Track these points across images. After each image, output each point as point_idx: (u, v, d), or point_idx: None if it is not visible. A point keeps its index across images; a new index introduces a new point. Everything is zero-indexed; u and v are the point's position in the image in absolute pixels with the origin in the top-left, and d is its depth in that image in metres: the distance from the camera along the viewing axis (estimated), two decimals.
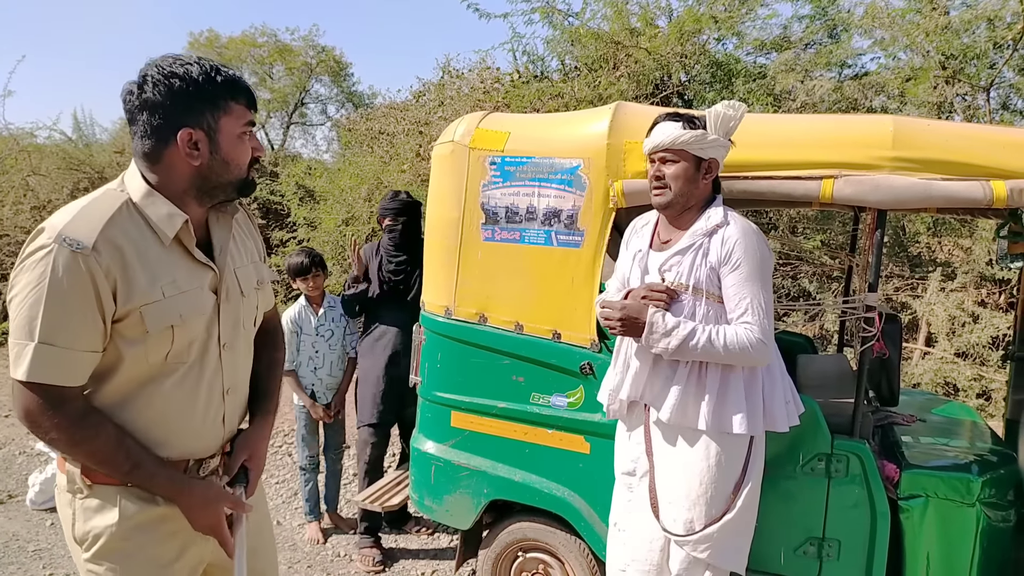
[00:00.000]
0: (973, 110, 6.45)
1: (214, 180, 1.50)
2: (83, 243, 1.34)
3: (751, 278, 2.09)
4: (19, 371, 1.34)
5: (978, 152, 2.26)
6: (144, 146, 1.45)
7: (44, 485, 4.08)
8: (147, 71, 1.42)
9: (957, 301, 5.85)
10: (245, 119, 1.51)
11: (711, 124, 2.14)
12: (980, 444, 2.69)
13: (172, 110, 1.42)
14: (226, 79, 1.46)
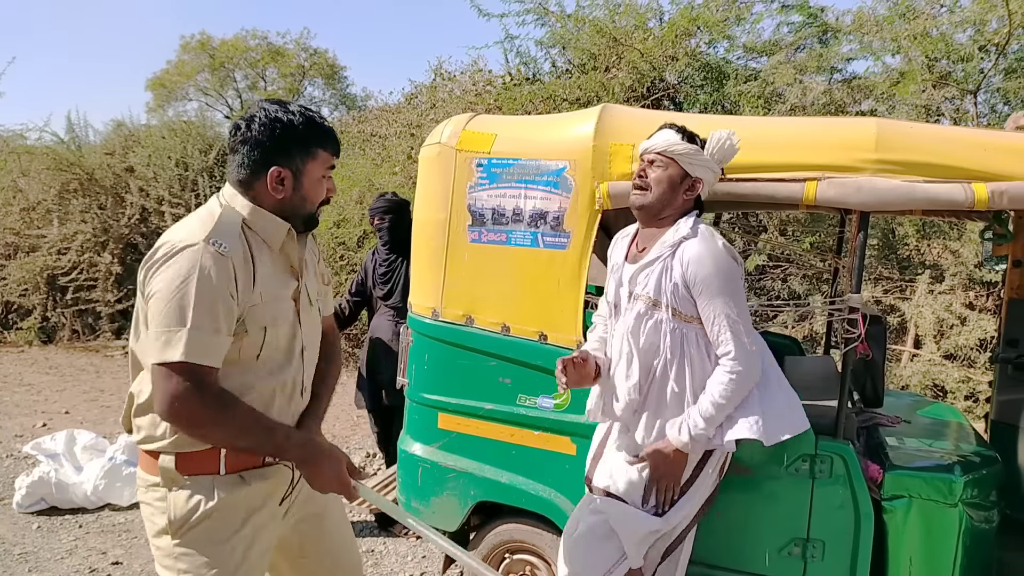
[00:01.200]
0: (961, 114, 6.49)
1: (290, 211, 1.72)
2: (226, 245, 1.58)
3: (717, 295, 2.07)
4: (175, 353, 1.50)
5: (960, 154, 2.27)
6: (240, 174, 1.69)
7: (31, 488, 4.06)
8: (255, 112, 1.67)
9: (945, 303, 5.88)
10: (328, 164, 1.75)
11: (710, 145, 2.13)
12: (964, 445, 2.70)
13: (270, 150, 1.66)
14: (320, 130, 1.70)
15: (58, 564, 3.50)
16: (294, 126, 1.66)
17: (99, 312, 8.67)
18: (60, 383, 6.92)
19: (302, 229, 1.78)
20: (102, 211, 8.81)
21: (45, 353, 8.27)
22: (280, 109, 1.67)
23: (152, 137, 9.51)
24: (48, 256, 8.60)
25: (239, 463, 1.70)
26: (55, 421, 5.68)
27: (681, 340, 2.13)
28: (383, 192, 4.22)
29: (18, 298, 8.78)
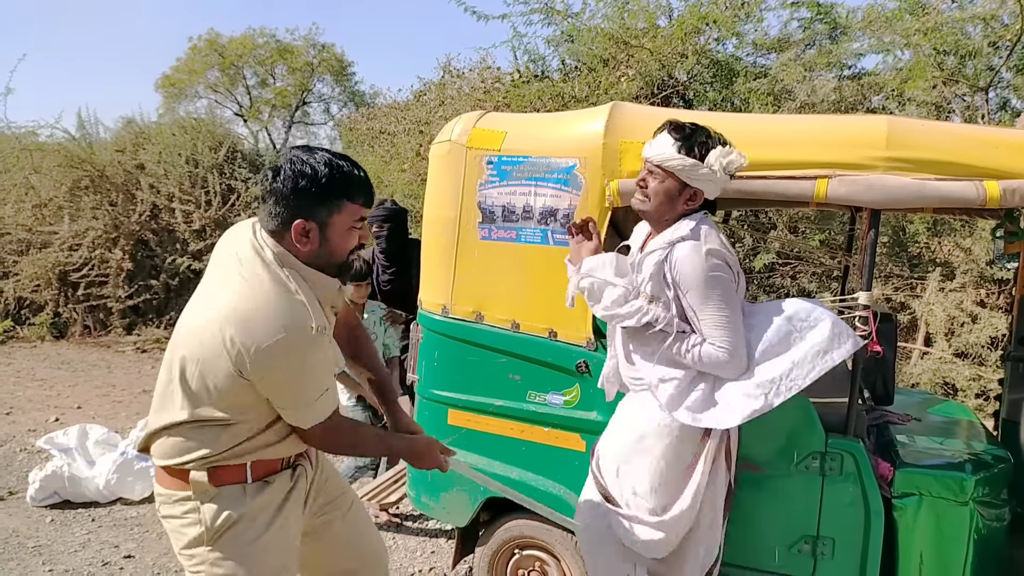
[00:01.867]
0: (972, 111, 6.45)
1: (319, 263, 1.75)
2: (320, 325, 1.68)
3: (703, 299, 2.09)
4: (321, 414, 1.76)
5: (972, 152, 2.27)
6: (271, 224, 1.71)
7: (44, 482, 4.10)
8: (283, 163, 1.68)
9: (956, 301, 5.85)
10: (357, 215, 1.75)
11: (715, 159, 2.10)
12: (975, 443, 2.70)
13: (294, 203, 1.67)
14: (345, 180, 1.68)
15: (71, 557, 3.54)
16: (318, 178, 1.65)
17: (110, 308, 8.72)
18: (72, 378, 6.97)
19: (335, 275, 1.81)
20: (113, 208, 8.86)
21: (57, 348, 8.33)
22: (306, 160, 1.66)
23: (162, 134, 9.55)
24: (60, 252, 8.65)
25: (263, 470, 1.81)
26: (67, 416, 5.72)
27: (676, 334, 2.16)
28: (382, 200, 4.26)
29: (30, 294, 8.84)
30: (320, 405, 1.75)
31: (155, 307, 8.92)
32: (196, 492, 1.74)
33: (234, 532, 1.76)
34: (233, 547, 1.76)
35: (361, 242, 1.80)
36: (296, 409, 1.74)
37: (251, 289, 1.65)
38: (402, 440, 2.04)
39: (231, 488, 1.77)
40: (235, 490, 1.77)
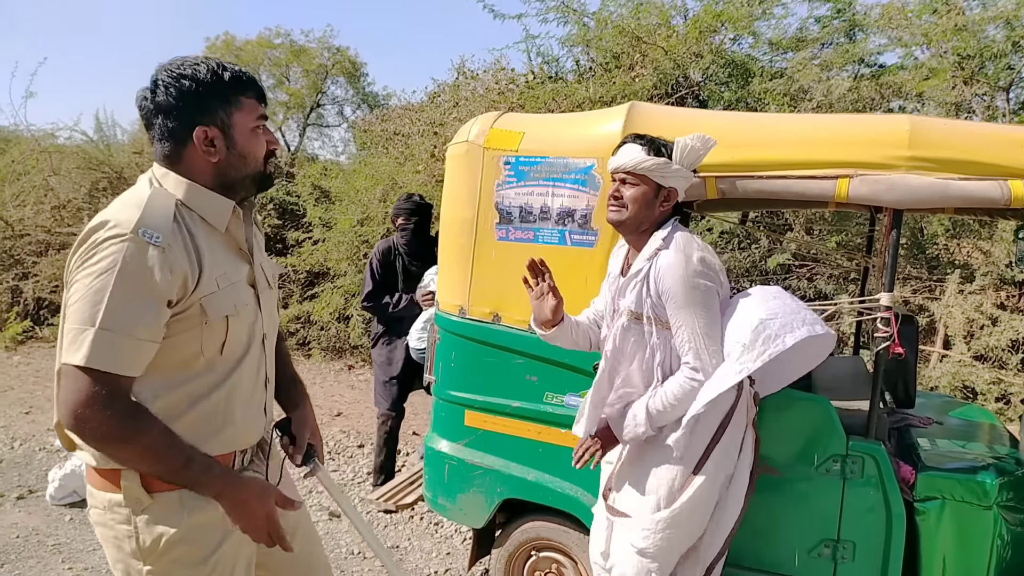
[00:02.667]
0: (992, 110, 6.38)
1: (233, 175, 1.54)
2: (159, 236, 1.38)
3: (683, 306, 2.08)
4: (76, 356, 1.32)
5: (996, 151, 2.24)
6: (164, 148, 1.50)
7: (64, 481, 4.13)
8: (157, 76, 1.47)
9: (976, 303, 5.78)
10: (257, 113, 1.55)
11: (677, 153, 2.14)
12: (998, 447, 2.66)
13: (185, 111, 1.47)
14: (233, 75, 1.50)
15: (90, 555, 3.56)
16: (203, 78, 1.46)
17: None
18: None
19: (255, 191, 1.61)
20: None
21: None
22: (183, 64, 1.47)
23: None
24: None
25: None
26: None
27: (664, 346, 2.17)
28: (410, 193, 4.25)
29: (49, 294, 8.90)
30: (87, 343, 1.31)
31: None
32: (128, 500, 1.46)
33: (176, 554, 1.49)
34: (178, 570, 1.50)
35: (271, 148, 1.58)
36: (66, 334, 1.35)
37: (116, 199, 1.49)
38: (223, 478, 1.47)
39: (166, 497, 1.48)
40: (171, 499, 1.48)
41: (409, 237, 4.07)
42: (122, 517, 1.48)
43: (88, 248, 1.37)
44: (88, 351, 1.32)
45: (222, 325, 1.50)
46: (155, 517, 1.48)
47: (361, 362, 7.61)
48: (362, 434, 5.50)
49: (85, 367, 1.32)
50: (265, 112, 1.58)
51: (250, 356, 1.61)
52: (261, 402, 1.67)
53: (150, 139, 1.53)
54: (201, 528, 1.51)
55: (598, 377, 2.27)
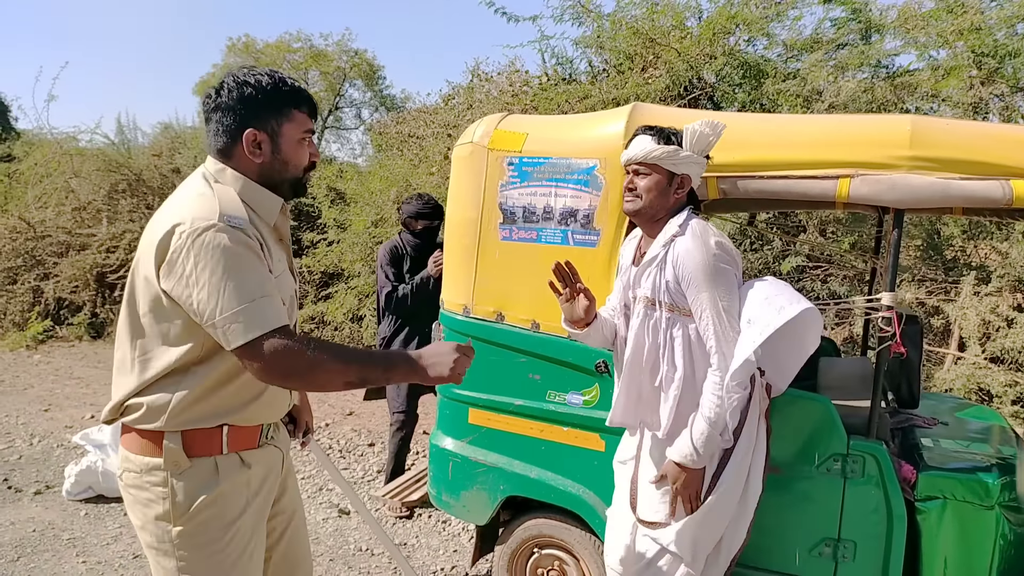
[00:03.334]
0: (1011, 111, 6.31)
1: (275, 178, 1.71)
2: (241, 221, 1.58)
3: (704, 288, 2.10)
4: (251, 332, 1.51)
5: (997, 151, 2.23)
6: (217, 143, 1.68)
7: (80, 477, 4.21)
8: (225, 79, 1.67)
9: (991, 305, 5.73)
10: (305, 126, 1.72)
11: (686, 140, 2.17)
12: (1004, 448, 2.65)
13: (241, 113, 1.65)
14: (291, 90, 1.68)
15: (104, 549, 3.63)
16: (263, 87, 1.64)
17: None
18: (108, 377, 7.08)
19: (290, 196, 1.76)
20: (149, 211, 9.05)
21: (94, 348, 8.53)
22: (248, 72, 1.66)
23: (198, 139, 9.74)
24: (97, 254, 8.86)
25: (239, 442, 1.70)
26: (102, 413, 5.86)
27: (684, 334, 2.17)
28: (421, 194, 4.23)
29: (69, 294, 9.06)
30: (254, 313, 1.51)
31: None
32: (167, 462, 1.62)
33: (206, 516, 1.65)
34: (203, 531, 1.65)
35: (312, 160, 1.75)
36: (226, 323, 1.51)
37: (177, 195, 1.66)
38: (405, 353, 1.70)
39: (204, 462, 1.65)
40: (208, 464, 1.65)
41: (424, 244, 4.06)
42: (158, 479, 1.63)
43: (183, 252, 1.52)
44: (258, 323, 1.51)
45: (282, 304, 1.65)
46: (191, 481, 1.63)
47: None
48: (372, 433, 5.55)
49: (255, 339, 1.51)
50: (313, 127, 1.76)
51: None
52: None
53: (206, 132, 1.70)
54: (229, 494, 1.67)
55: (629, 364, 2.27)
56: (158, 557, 1.69)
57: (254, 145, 1.66)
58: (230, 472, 1.68)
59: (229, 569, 1.69)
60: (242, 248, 1.54)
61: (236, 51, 23.01)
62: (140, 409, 1.62)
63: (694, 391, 2.17)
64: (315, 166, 1.78)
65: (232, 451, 1.68)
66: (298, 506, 2.00)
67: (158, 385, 1.62)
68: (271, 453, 1.81)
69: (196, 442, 1.64)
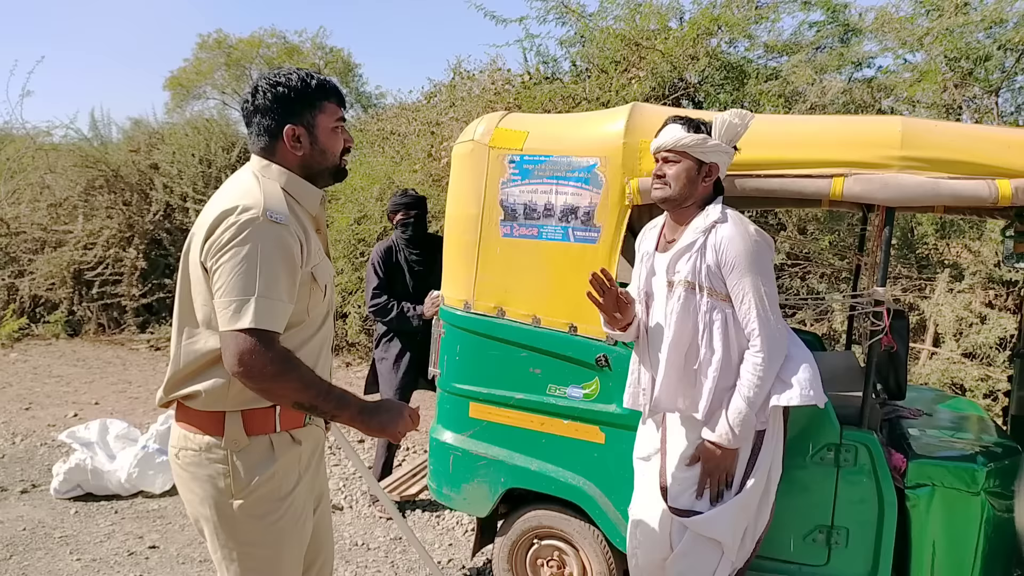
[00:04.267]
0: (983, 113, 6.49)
1: (315, 167, 1.82)
2: (282, 217, 1.67)
3: (746, 274, 2.16)
4: (243, 321, 1.58)
5: (984, 151, 2.33)
6: (260, 143, 1.79)
7: (68, 474, 4.18)
8: (257, 83, 1.78)
9: (965, 302, 5.90)
10: (337, 115, 1.84)
11: (716, 130, 2.22)
12: (985, 436, 2.76)
13: (279, 112, 1.76)
14: (319, 83, 1.79)
15: (97, 547, 3.61)
16: (294, 85, 1.75)
17: (124, 306, 8.82)
18: (88, 375, 7.07)
19: (331, 181, 1.89)
20: (127, 207, 8.96)
21: (72, 346, 8.42)
22: (278, 74, 1.77)
23: (176, 135, 9.65)
24: (74, 251, 8.75)
25: (289, 421, 1.80)
26: (86, 411, 5.81)
27: (723, 318, 2.22)
28: (404, 189, 4.32)
29: (45, 292, 8.94)
30: (251, 309, 1.59)
31: (168, 306, 9.00)
32: (228, 440, 1.72)
33: (264, 490, 1.76)
34: (263, 504, 1.76)
35: (347, 145, 1.87)
36: (226, 305, 1.60)
37: (226, 187, 1.77)
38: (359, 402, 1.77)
39: (261, 440, 1.75)
40: (264, 442, 1.76)
41: (410, 232, 4.11)
42: (219, 457, 1.74)
43: (224, 231, 1.63)
44: (253, 315, 1.59)
45: (322, 290, 1.81)
46: (250, 457, 1.75)
47: (359, 359, 7.67)
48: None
49: (251, 328, 1.59)
50: (344, 115, 1.87)
51: (328, 320, 1.91)
52: (328, 363, 1.95)
53: (248, 134, 1.82)
54: (285, 469, 1.79)
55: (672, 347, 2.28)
56: (217, 531, 1.78)
57: (294, 140, 1.77)
58: (284, 449, 1.79)
59: (285, 539, 1.82)
60: (275, 246, 1.64)
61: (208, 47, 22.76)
62: (199, 395, 1.73)
63: (730, 374, 2.23)
64: (350, 150, 1.89)
65: (284, 429, 1.79)
66: (325, 489, 2.09)
67: (211, 370, 1.71)
68: (314, 432, 1.92)
69: (254, 421, 1.74)
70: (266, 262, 1.62)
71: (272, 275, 1.63)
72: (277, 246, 1.65)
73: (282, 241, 1.66)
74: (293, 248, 1.68)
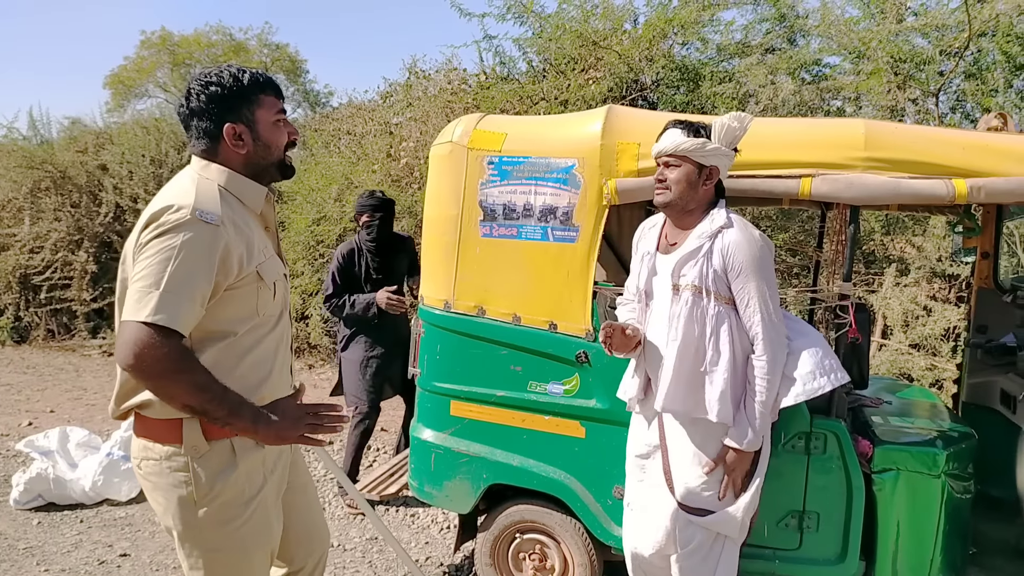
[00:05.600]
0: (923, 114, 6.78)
1: (260, 163, 1.80)
2: (213, 216, 1.63)
3: (753, 278, 2.23)
4: (143, 313, 1.53)
5: (941, 153, 2.47)
6: (201, 145, 1.76)
7: (29, 484, 4.07)
8: (190, 85, 1.75)
9: (911, 296, 6.16)
10: (276, 108, 1.81)
11: (715, 133, 2.27)
12: (942, 422, 2.91)
13: (215, 112, 1.73)
14: (252, 77, 1.76)
15: (65, 557, 3.54)
16: (227, 83, 1.72)
17: (74, 311, 8.57)
18: (40, 383, 6.86)
19: (279, 177, 1.86)
20: (76, 209, 8.71)
21: (20, 353, 8.16)
22: (209, 73, 1.74)
23: (125, 135, 9.41)
24: (20, 255, 8.48)
25: None
26: (40, 420, 5.65)
27: (729, 321, 2.28)
28: (372, 190, 4.34)
29: None
30: (153, 302, 1.54)
31: None
32: (187, 447, 1.69)
33: (228, 495, 1.73)
34: (228, 509, 1.74)
35: (292, 138, 1.84)
36: (131, 294, 1.57)
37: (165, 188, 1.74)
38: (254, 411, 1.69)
39: (222, 444, 1.72)
40: (225, 447, 1.72)
41: (375, 233, 4.10)
42: (180, 464, 1.70)
43: (155, 228, 1.60)
44: (154, 308, 1.54)
45: (270, 288, 1.78)
46: (211, 463, 1.71)
47: (321, 361, 7.61)
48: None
49: (149, 322, 1.53)
50: (283, 107, 1.84)
51: (283, 318, 1.90)
52: (286, 362, 1.93)
53: (188, 138, 1.78)
54: (248, 472, 1.77)
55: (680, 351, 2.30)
56: (184, 540, 1.76)
57: (235, 138, 1.75)
58: (246, 452, 1.76)
59: (251, 543, 1.80)
60: (199, 245, 1.59)
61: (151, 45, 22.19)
62: (152, 404, 1.68)
63: (736, 375, 2.29)
64: (295, 143, 1.87)
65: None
66: (308, 480, 2.11)
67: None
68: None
69: (213, 426, 1.69)
70: (184, 261, 1.57)
71: (187, 274, 1.57)
72: (201, 246, 1.60)
73: (208, 242, 1.61)
74: (218, 251, 1.63)
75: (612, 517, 2.75)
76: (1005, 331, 3.43)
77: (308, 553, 2.08)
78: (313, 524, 2.10)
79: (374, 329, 4.10)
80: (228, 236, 1.65)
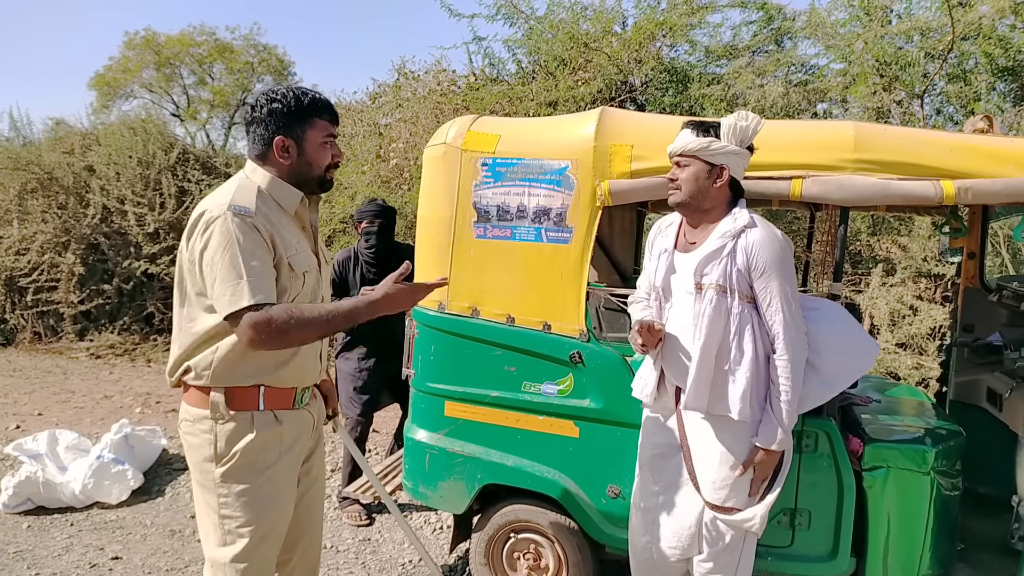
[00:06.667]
0: (908, 115, 6.86)
1: (302, 176, 2.03)
2: (246, 209, 1.88)
3: (775, 277, 2.24)
4: (243, 301, 1.79)
5: (929, 155, 2.51)
6: (255, 150, 2.01)
7: (18, 488, 4.04)
8: (258, 97, 2.00)
9: (897, 295, 6.22)
10: (327, 131, 2.03)
11: (724, 132, 2.27)
12: (930, 420, 2.95)
13: (271, 124, 1.97)
14: (311, 101, 1.99)
15: (56, 561, 3.52)
16: (288, 101, 1.96)
17: (61, 313, 8.50)
18: (27, 385, 6.79)
19: (318, 190, 2.08)
20: (63, 211, 8.63)
21: (6, 356, 8.08)
22: (275, 90, 1.98)
23: (113, 136, 9.33)
24: (6, 257, 8.40)
25: (274, 401, 1.99)
26: (28, 423, 5.60)
27: (751, 320, 2.29)
28: (373, 198, 4.30)
29: None
30: (246, 289, 1.80)
31: (108, 312, 8.72)
32: (213, 412, 1.94)
33: (244, 461, 1.95)
34: (242, 474, 1.95)
35: (335, 160, 2.05)
36: (222, 292, 1.82)
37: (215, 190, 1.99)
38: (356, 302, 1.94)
39: (243, 415, 1.95)
40: (246, 417, 1.96)
41: (374, 241, 4.04)
42: (206, 427, 1.96)
43: (201, 229, 1.87)
44: (250, 294, 1.80)
45: (300, 278, 1.98)
46: (231, 429, 1.95)
47: None
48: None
49: (251, 306, 1.79)
50: (335, 132, 2.06)
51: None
52: (315, 349, 2.10)
53: (248, 141, 2.03)
54: (263, 444, 1.98)
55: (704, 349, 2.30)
56: (204, 493, 2.00)
57: (283, 150, 1.99)
58: (264, 426, 1.98)
59: (261, 510, 1.98)
60: (241, 232, 1.84)
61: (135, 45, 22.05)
62: (191, 370, 1.96)
63: (759, 374, 2.29)
64: (338, 165, 2.09)
65: (268, 408, 1.98)
66: (320, 474, 2.26)
67: (202, 348, 1.94)
68: (304, 417, 2.10)
69: (236, 397, 1.95)
70: (244, 246, 1.83)
71: (251, 254, 1.84)
72: (242, 232, 1.84)
73: (246, 228, 1.85)
74: (259, 232, 1.87)
75: (606, 516, 2.78)
76: (991, 330, 3.49)
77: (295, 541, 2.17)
78: (312, 515, 2.23)
79: (369, 336, 4.02)
80: (261, 224, 1.88)
